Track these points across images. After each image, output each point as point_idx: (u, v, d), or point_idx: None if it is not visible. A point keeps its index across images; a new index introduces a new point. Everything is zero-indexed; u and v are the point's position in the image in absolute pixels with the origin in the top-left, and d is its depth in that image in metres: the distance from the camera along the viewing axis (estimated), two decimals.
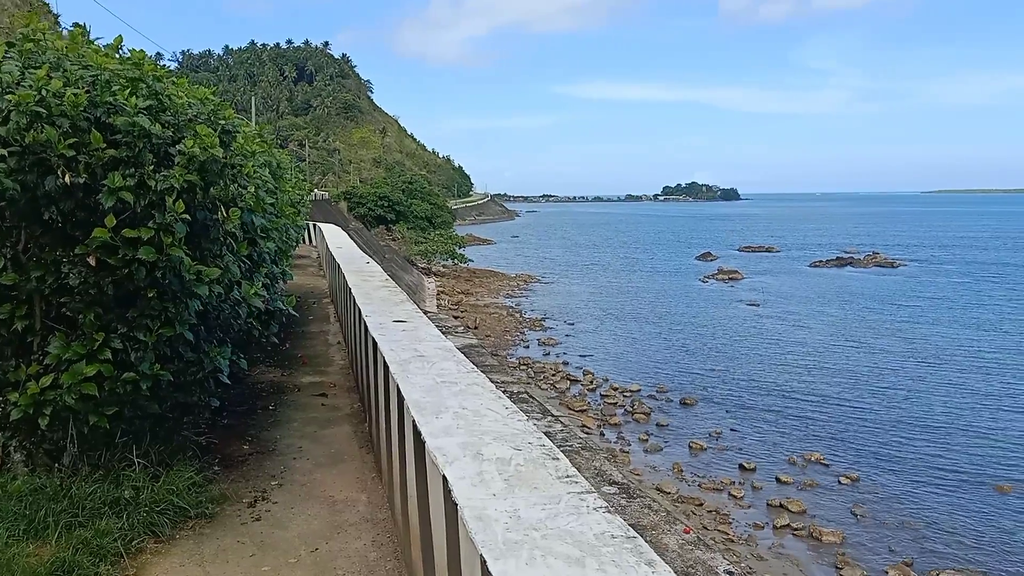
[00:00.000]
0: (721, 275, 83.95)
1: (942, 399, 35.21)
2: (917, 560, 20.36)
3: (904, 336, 49.71)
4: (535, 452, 4.61)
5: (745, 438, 30.57)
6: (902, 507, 23.82)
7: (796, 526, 22.40)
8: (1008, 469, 26.53)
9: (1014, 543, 21.34)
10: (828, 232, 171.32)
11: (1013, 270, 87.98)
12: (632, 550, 3.30)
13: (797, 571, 19.82)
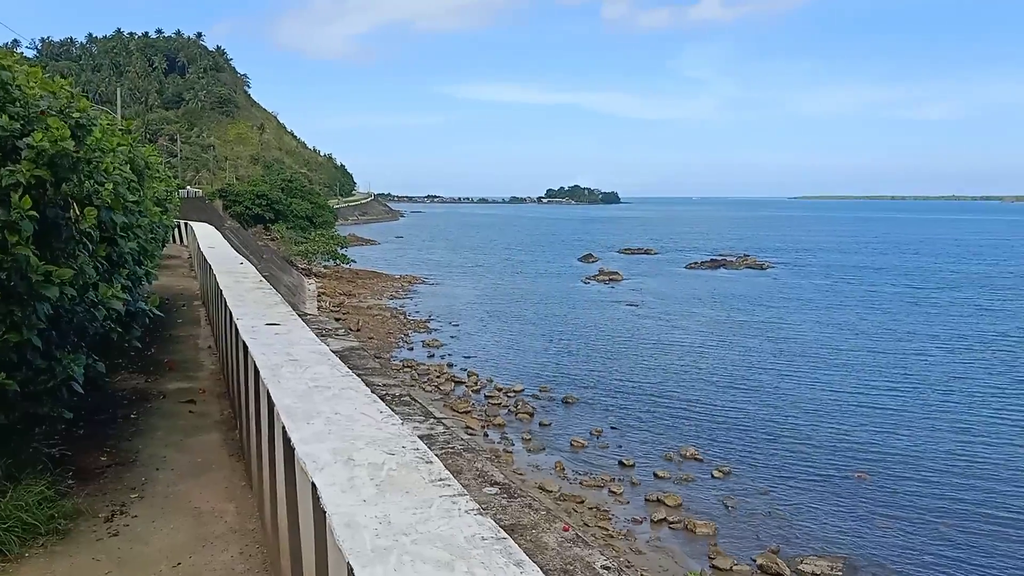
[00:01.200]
0: (602, 276, 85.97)
1: (806, 395, 37.25)
2: (784, 547, 21.41)
3: (772, 336, 52.33)
4: (409, 456, 4.52)
5: (624, 435, 31.38)
6: (770, 497, 25.01)
7: (672, 519, 23.15)
8: (865, 459, 28.29)
9: (872, 527, 22.77)
10: (703, 235, 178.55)
11: (870, 272, 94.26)
12: (502, 551, 3.27)
13: (673, 563, 20.48)
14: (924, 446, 29.61)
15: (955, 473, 26.90)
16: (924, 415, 33.58)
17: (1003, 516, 23.45)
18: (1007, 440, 30.33)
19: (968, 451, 29.10)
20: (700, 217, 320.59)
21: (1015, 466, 27.49)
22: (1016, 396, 36.45)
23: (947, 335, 51.60)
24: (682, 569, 19.57)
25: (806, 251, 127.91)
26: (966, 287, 78.02)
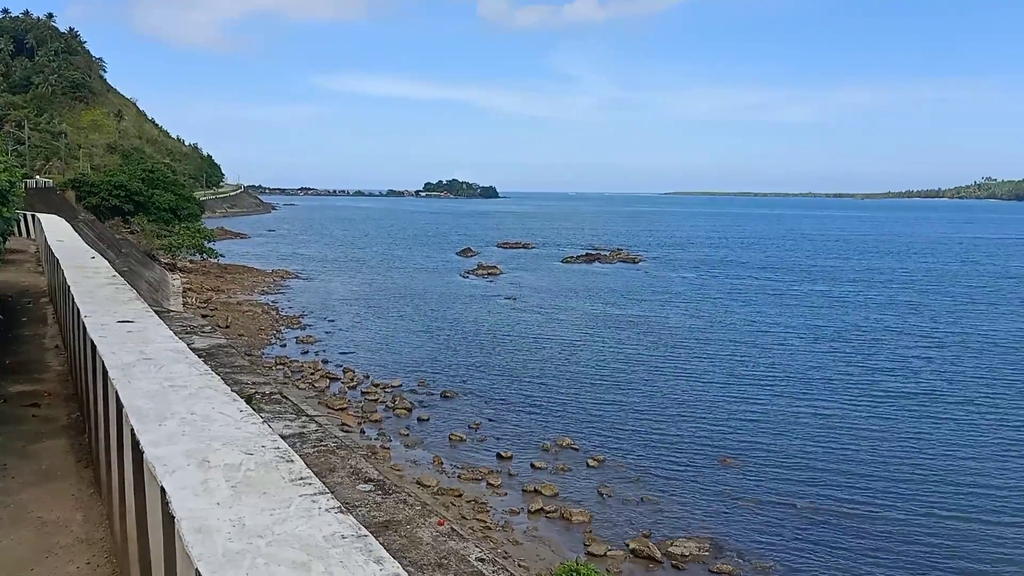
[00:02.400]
0: (481, 270, 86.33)
1: (676, 385, 38.68)
2: (655, 531, 22.13)
3: (644, 328, 54.05)
4: (269, 455, 4.32)
5: (502, 428, 31.62)
6: (642, 484, 25.80)
7: (549, 509, 23.51)
8: (731, 445, 29.63)
9: (736, 509, 23.86)
10: (579, 229, 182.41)
11: (735, 266, 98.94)
12: (362, 549, 3.15)
13: (550, 552, 20.79)
14: (785, 432, 31.32)
15: (814, 457, 28.58)
16: (785, 403, 35.53)
17: (859, 498, 25.11)
18: (863, 425, 32.51)
19: (826, 436, 31.00)
20: (576, 212, 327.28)
21: (869, 449, 29.51)
22: (869, 384, 39.16)
23: (806, 326, 54.83)
24: (558, 558, 19.87)
25: (676, 245, 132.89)
26: (822, 280, 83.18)
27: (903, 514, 23.44)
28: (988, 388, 37.49)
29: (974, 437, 30.32)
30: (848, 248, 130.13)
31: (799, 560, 20.51)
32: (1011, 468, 27.16)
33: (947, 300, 67.39)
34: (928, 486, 25.58)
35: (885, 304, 64.71)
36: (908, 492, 25.08)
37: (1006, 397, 36.04)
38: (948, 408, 34.13)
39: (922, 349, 46.30)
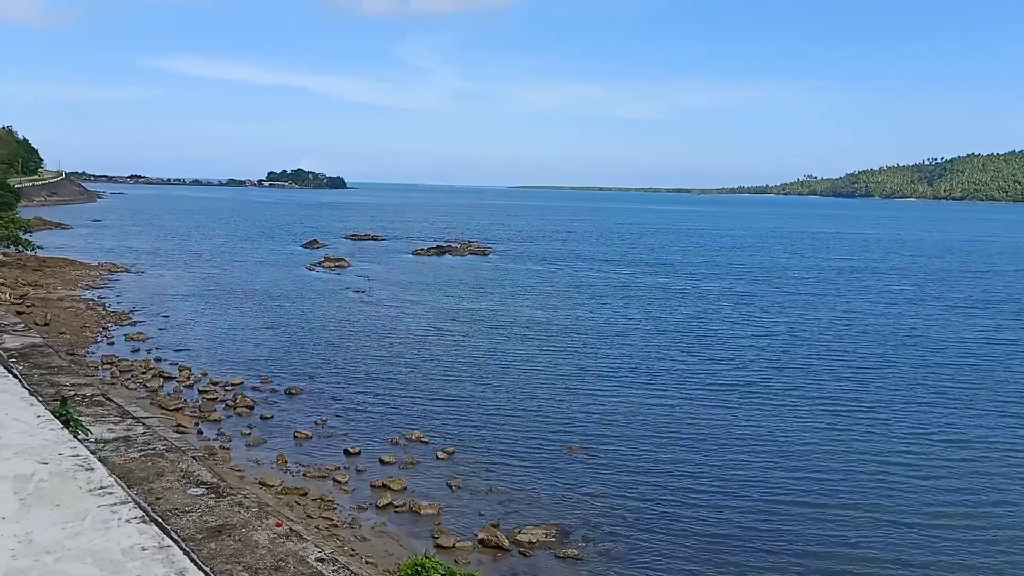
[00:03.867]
0: (328, 263, 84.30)
1: (524, 376, 39.34)
2: (503, 521, 22.36)
3: (493, 320, 54.62)
4: (66, 464, 3.91)
5: (351, 423, 30.99)
6: (491, 474, 26.02)
7: (398, 504, 23.24)
8: (577, 434, 30.40)
9: (582, 495, 24.50)
10: (430, 221, 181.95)
11: (581, 259, 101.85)
12: (163, 560, 2.89)
13: (398, 546, 20.56)
14: (628, 420, 32.50)
15: (656, 444, 29.82)
16: (629, 392, 36.91)
17: (697, 481, 26.43)
18: (701, 413, 34.27)
19: (667, 424, 32.44)
20: (427, 204, 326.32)
21: (708, 435, 31.12)
22: (708, 373, 41.37)
23: (648, 318, 57.26)
24: (406, 552, 19.68)
25: (525, 239, 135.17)
26: (664, 273, 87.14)
27: (739, 496, 24.87)
28: (815, 376, 40.54)
29: (803, 422, 32.64)
30: (688, 242, 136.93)
31: (641, 542, 21.33)
32: (839, 451, 29.46)
33: (777, 291, 72.33)
34: (762, 469, 27.27)
35: (721, 295, 68.56)
36: (743, 474, 26.64)
37: (831, 384, 39.08)
38: (779, 395, 36.51)
39: (754, 339, 49.42)
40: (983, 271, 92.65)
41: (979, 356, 44.48)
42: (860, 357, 43.82)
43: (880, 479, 26.00)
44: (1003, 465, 27.49)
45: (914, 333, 51.24)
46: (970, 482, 25.88)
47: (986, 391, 36.93)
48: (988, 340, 48.88)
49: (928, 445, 29.34)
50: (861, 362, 42.63)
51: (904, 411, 33.57)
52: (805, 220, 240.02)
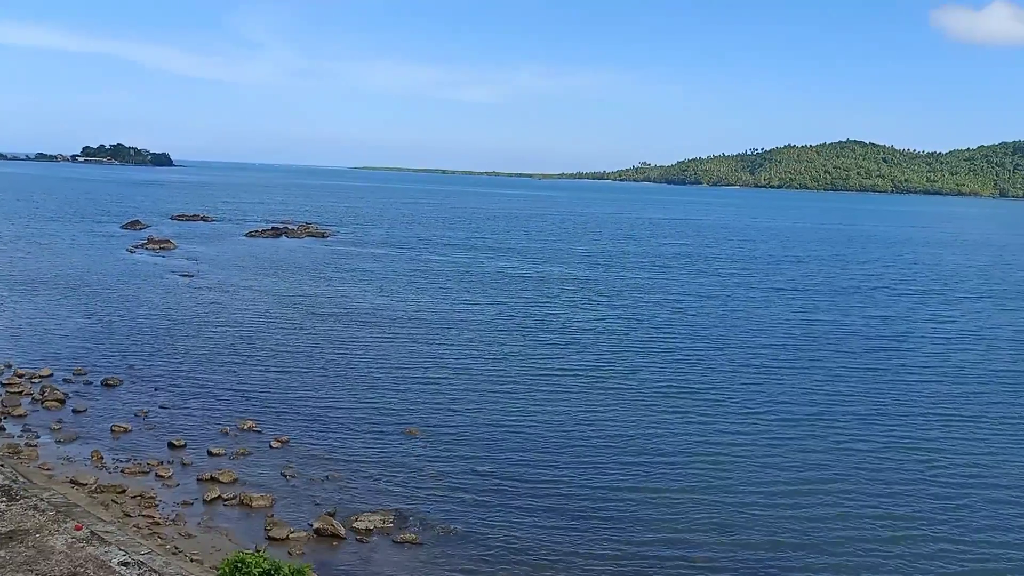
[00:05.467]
0: (152, 245, 79.20)
1: (361, 360, 38.72)
2: (340, 508, 21.86)
3: (332, 304, 53.38)
4: None
5: (176, 414, 29.27)
6: (328, 462, 25.37)
7: (227, 497, 22.18)
8: (416, 416, 30.22)
9: (421, 478, 24.36)
10: (265, 202, 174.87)
11: (422, 243, 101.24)
12: None
13: (227, 541, 19.62)
14: (466, 402, 32.67)
15: (493, 425, 30.12)
16: (467, 374, 37.12)
17: (534, 462, 26.91)
18: (538, 396, 34.95)
19: (504, 405, 32.88)
20: (262, 183, 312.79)
21: (543, 418, 31.79)
22: (544, 357, 42.25)
23: (488, 301, 57.81)
24: (235, 546, 18.82)
25: (366, 221, 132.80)
26: (507, 257, 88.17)
27: (576, 476, 25.51)
28: (652, 359, 42.36)
29: (640, 404, 33.97)
30: (530, 226, 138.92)
31: (480, 523, 21.49)
32: (676, 433, 30.87)
33: (616, 276, 74.97)
34: (599, 451, 28.09)
35: (563, 280, 70.14)
36: (581, 456, 27.34)
37: (668, 366, 40.94)
38: (616, 378, 37.80)
39: (594, 322, 51.06)
40: (803, 256, 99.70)
41: (799, 336, 47.76)
42: (694, 339, 46.15)
43: (716, 460, 27.40)
44: (825, 439, 29.82)
45: (741, 315, 54.65)
46: (799, 457, 27.91)
47: (806, 369, 39.81)
48: (809, 321, 52.72)
49: (762, 424, 31.07)
50: (694, 343, 44.91)
51: (733, 391, 35.57)
52: (641, 206, 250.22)
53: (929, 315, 56.13)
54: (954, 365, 41.01)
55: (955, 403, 34.05)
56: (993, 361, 42.31)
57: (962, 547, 20.88)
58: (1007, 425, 31.32)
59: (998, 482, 25.33)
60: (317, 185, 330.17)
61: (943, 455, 27.61)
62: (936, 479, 25.50)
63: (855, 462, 26.71)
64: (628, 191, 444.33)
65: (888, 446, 28.38)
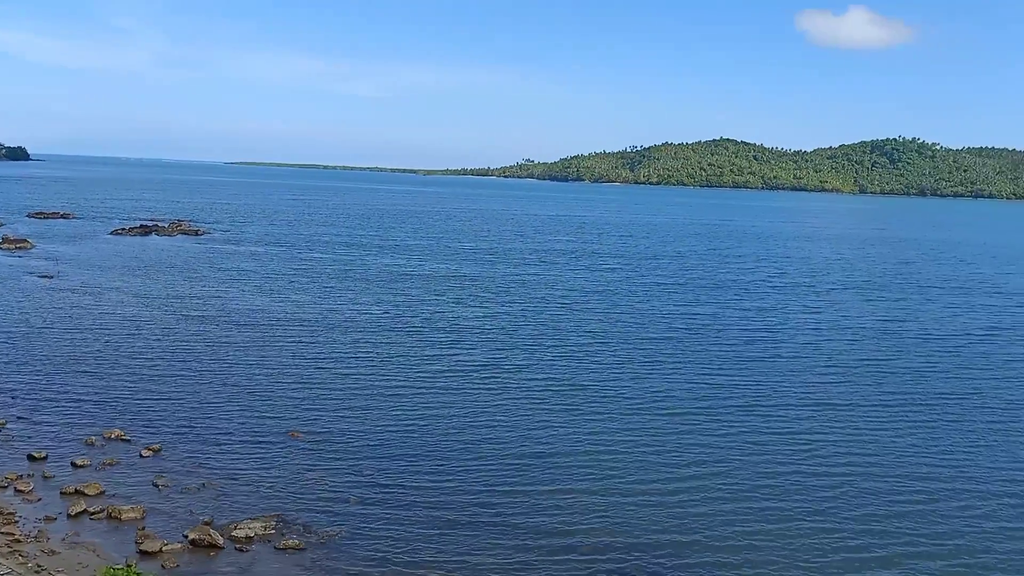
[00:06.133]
0: (6, 244, 73.87)
1: (240, 362, 37.49)
2: (218, 517, 21.05)
3: (208, 305, 51.39)
4: None
5: (35, 425, 27.45)
6: (204, 469, 24.39)
7: (94, 510, 20.96)
8: (299, 418, 29.49)
9: (305, 482, 23.77)
10: (134, 198, 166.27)
11: (303, 242, 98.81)
12: None
13: (94, 557, 18.57)
14: (352, 402, 32.11)
15: (379, 426, 29.75)
16: (353, 374, 36.53)
17: (421, 464, 26.71)
18: (424, 393, 34.75)
19: (390, 406, 32.54)
20: (131, 179, 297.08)
21: (430, 417, 31.63)
22: (431, 356, 42.03)
23: (372, 301, 57.03)
24: (103, 562, 17.87)
25: (244, 219, 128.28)
26: (391, 254, 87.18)
27: (459, 476, 25.50)
28: (538, 356, 42.77)
29: (524, 401, 34.27)
30: (416, 223, 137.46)
31: (365, 526, 21.16)
32: (557, 432, 31.30)
33: (502, 272, 75.41)
34: (480, 448, 28.22)
35: (448, 277, 69.89)
36: (464, 455, 27.35)
37: (555, 362, 41.44)
38: (504, 375, 37.99)
39: (480, 319, 51.23)
40: (683, 251, 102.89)
41: (681, 330, 49.33)
42: (580, 334, 46.89)
43: (602, 456, 27.94)
44: (708, 430, 30.95)
45: (625, 310, 56.01)
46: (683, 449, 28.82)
47: (688, 362, 41.19)
48: (690, 315, 54.55)
49: (647, 417, 31.89)
50: (580, 339, 45.61)
51: (619, 386, 36.32)
52: (527, 202, 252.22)
53: (800, 307, 59.23)
54: (824, 354, 43.42)
55: (827, 391, 36.09)
56: (859, 350, 45.07)
57: (841, 532, 22.02)
58: (875, 410, 33.40)
59: (871, 467, 26.84)
60: (190, 181, 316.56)
61: (818, 442, 29.11)
62: (813, 465, 26.80)
63: (738, 452, 27.77)
64: (513, 187, 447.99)
65: (767, 434, 29.74)
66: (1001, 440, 29.97)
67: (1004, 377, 39.38)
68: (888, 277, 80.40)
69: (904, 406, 33.83)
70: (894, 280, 78.01)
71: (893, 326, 52.50)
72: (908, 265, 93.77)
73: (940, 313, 58.31)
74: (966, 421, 32.06)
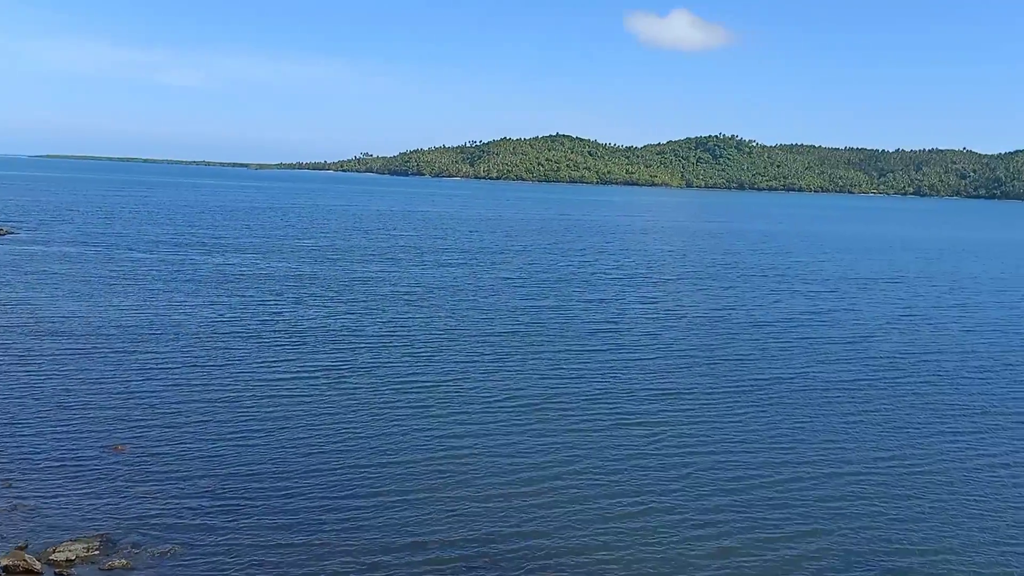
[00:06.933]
0: None
1: (55, 374, 34.38)
2: (34, 540, 19.14)
3: (15, 313, 46.71)
4: None
5: None
6: (15, 490, 22.17)
7: None
8: (122, 429, 27.42)
9: (131, 498, 22.00)
10: None
11: (125, 241, 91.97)
12: None
13: None
14: (182, 413, 30.01)
15: (212, 434, 28.09)
16: (185, 381, 34.31)
17: (260, 470, 25.35)
18: (262, 400, 33.08)
19: (223, 411, 30.72)
20: None
21: (273, 421, 30.12)
22: (270, 360, 40.11)
23: (203, 304, 53.89)
24: None
25: (54, 216, 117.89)
26: (224, 253, 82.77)
27: (304, 484, 24.48)
28: (379, 356, 41.80)
29: (366, 407, 33.34)
30: (252, 220, 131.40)
31: (202, 540, 19.84)
32: (404, 433, 30.61)
33: (344, 269, 73.46)
34: (325, 454, 27.27)
35: (288, 277, 67.26)
36: (306, 463, 26.32)
37: (397, 365, 40.61)
38: (345, 379, 36.92)
39: (322, 321, 49.46)
40: (527, 245, 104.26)
41: (527, 323, 50.06)
42: (426, 331, 46.49)
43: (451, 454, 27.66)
44: (556, 421, 31.26)
45: (470, 305, 56.08)
46: (531, 441, 28.92)
47: (534, 355, 41.77)
48: (535, 308, 55.44)
49: (495, 412, 31.99)
50: (427, 336, 45.32)
51: (466, 382, 36.31)
52: (369, 197, 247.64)
53: (638, 298, 61.56)
54: (663, 342, 45.28)
55: (667, 378, 37.65)
56: (694, 337, 47.32)
57: (687, 515, 22.84)
58: (710, 395, 35.11)
59: (713, 452, 28.04)
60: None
61: (662, 428, 30.19)
62: (658, 451, 27.76)
63: (586, 442, 28.29)
64: (353, 182, 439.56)
65: (614, 424, 30.51)
66: (822, 418, 32.34)
67: (824, 359, 42.50)
68: (717, 267, 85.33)
69: (737, 391, 35.80)
70: (723, 270, 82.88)
71: (724, 313, 55.67)
72: (734, 255, 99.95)
73: (765, 300, 62.48)
74: (793, 402, 34.36)
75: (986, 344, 47.83)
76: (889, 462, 27.26)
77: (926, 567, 20.14)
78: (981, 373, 40.38)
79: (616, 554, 20.07)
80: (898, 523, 22.40)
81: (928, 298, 67.04)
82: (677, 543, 20.83)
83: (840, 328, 51.31)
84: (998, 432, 31.03)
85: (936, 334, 50.57)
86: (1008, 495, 24.84)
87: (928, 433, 30.56)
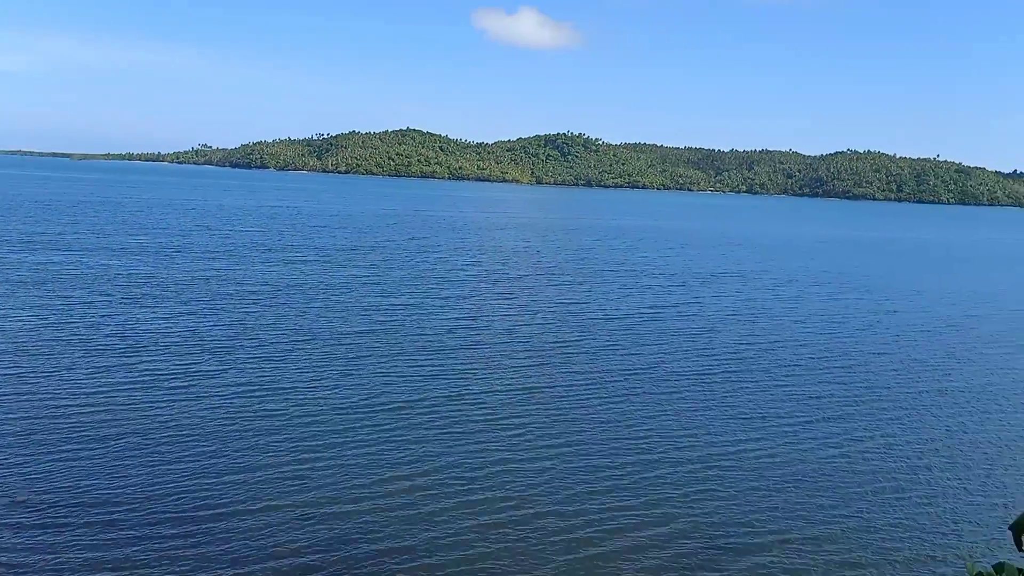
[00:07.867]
0: None
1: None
2: None
3: None
4: None
5: None
6: None
7: None
8: None
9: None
10: None
11: None
12: None
13: None
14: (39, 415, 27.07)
15: (31, 444, 25.41)
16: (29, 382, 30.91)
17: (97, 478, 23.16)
18: (100, 408, 30.36)
19: (56, 421, 27.96)
20: None
21: (108, 430, 27.65)
22: (111, 363, 36.97)
23: (22, 307, 49.12)
24: None
25: None
26: (43, 251, 76.02)
27: (150, 498, 22.65)
28: (225, 359, 39.41)
29: (216, 413, 31.32)
30: (80, 215, 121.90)
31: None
32: (263, 439, 28.88)
33: (185, 268, 69.04)
34: (171, 465, 25.37)
35: (121, 276, 62.59)
36: (152, 479, 24.41)
37: (249, 368, 38.40)
38: (189, 386, 34.58)
39: (160, 324, 46.18)
40: (381, 241, 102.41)
41: (383, 322, 48.89)
42: (277, 332, 44.44)
43: (307, 457, 26.41)
44: (415, 424, 30.47)
45: (322, 303, 54.13)
46: (395, 443, 28.02)
47: (390, 355, 40.74)
48: (391, 306, 54.22)
49: (356, 413, 30.87)
50: (278, 336, 43.24)
51: (321, 384, 34.90)
52: (216, 192, 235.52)
53: (495, 294, 61.63)
54: (520, 338, 45.52)
55: (525, 373, 37.82)
56: (550, 332, 47.89)
57: (542, 508, 22.82)
58: (568, 389, 35.62)
59: (574, 446, 28.36)
60: None
61: (523, 424, 30.33)
62: (520, 448, 27.85)
63: (447, 443, 27.95)
64: (192, 174, 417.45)
65: (475, 422, 30.24)
66: (674, 407, 33.47)
67: (674, 352, 44.08)
68: (571, 263, 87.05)
69: (591, 384, 36.46)
70: (576, 265, 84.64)
71: (578, 308, 56.73)
72: (586, 251, 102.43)
73: (616, 294, 64.23)
74: (646, 392, 35.37)
75: (814, 334, 51.31)
76: (735, 447, 28.67)
77: (765, 544, 21.09)
78: (813, 362, 43.22)
79: (470, 552, 19.72)
80: (746, 506, 23.38)
81: (764, 291, 71.27)
82: (535, 537, 20.80)
83: (687, 321, 53.51)
84: (832, 421, 33.19)
85: (773, 325, 53.73)
86: (842, 477, 26.54)
87: (768, 419, 32.35)
